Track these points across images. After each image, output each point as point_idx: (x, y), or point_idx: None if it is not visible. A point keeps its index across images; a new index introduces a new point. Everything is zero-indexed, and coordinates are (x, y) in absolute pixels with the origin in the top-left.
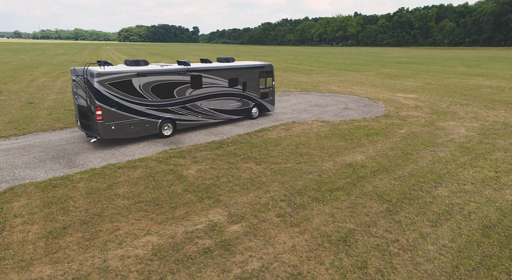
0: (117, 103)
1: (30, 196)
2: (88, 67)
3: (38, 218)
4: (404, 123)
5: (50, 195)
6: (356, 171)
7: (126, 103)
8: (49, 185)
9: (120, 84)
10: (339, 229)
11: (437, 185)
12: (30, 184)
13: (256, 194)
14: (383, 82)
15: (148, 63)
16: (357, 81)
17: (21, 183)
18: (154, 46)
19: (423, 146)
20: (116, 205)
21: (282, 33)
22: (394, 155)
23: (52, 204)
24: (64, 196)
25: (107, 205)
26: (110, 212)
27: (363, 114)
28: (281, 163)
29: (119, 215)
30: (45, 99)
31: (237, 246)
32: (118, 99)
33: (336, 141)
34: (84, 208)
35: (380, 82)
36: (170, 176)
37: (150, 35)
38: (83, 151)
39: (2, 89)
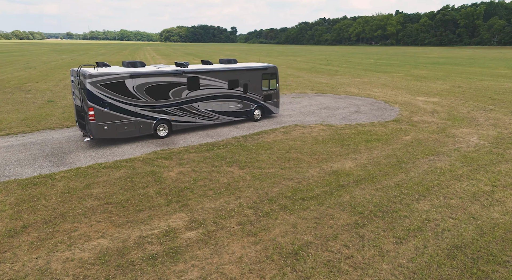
0: (110, 103)
1: (8, 193)
2: (81, 68)
3: (5, 216)
4: (412, 129)
5: (27, 193)
6: (339, 179)
7: (119, 104)
8: (30, 183)
9: (112, 85)
10: (296, 241)
11: (420, 198)
12: (13, 181)
13: (227, 199)
14: (407, 84)
15: (145, 65)
16: (380, 83)
17: (6, 180)
18: (191, 46)
19: (423, 154)
20: (85, 205)
21: (319, 33)
22: (387, 163)
23: (24, 202)
24: (39, 194)
25: (75, 205)
26: (75, 212)
27: (373, 118)
28: (265, 168)
29: (82, 216)
30: (65, 98)
31: (184, 254)
32: (110, 100)
33: (332, 146)
34: (53, 207)
35: (405, 84)
36: (149, 178)
37: (189, 35)
38: (77, 150)
39: (31, 87)
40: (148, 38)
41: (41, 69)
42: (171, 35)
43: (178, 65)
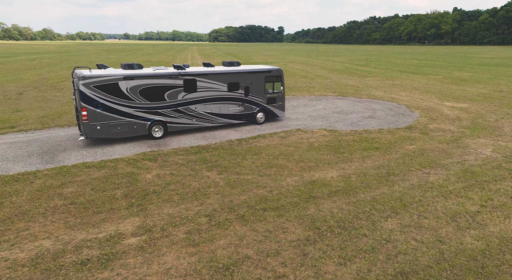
0: (103, 104)
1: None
2: (76, 70)
3: None
4: (421, 138)
5: (3, 189)
6: (313, 190)
7: (113, 105)
8: (12, 179)
9: (106, 87)
10: (234, 255)
11: (391, 216)
12: None
13: (188, 206)
14: (441, 88)
15: (142, 67)
16: (412, 86)
17: None
18: (236, 46)
19: (419, 166)
20: (49, 204)
21: (367, 32)
22: (375, 174)
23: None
24: (14, 191)
25: (40, 204)
26: (36, 211)
27: (384, 125)
28: (243, 174)
29: (41, 215)
30: None
31: (115, 261)
32: (104, 101)
33: (324, 153)
34: (19, 205)
35: (438, 88)
36: (125, 179)
37: (237, 35)
38: (71, 149)
39: (65, 86)
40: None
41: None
42: (220, 35)
43: (176, 67)
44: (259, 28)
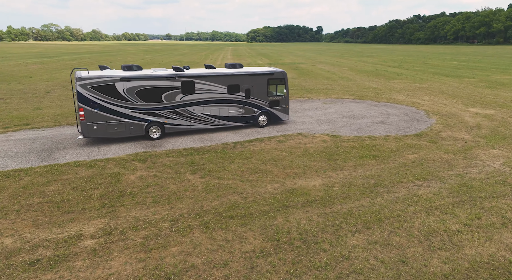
0: (100, 105)
1: None
2: (76, 71)
3: None
4: (427, 146)
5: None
6: (288, 199)
7: (109, 106)
8: (3, 175)
9: (102, 88)
10: (181, 263)
11: (361, 230)
12: None
13: (158, 209)
14: (471, 92)
15: (141, 69)
16: (439, 90)
17: None
18: (271, 46)
19: (413, 178)
20: (27, 202)
21: (410, 31)
22: (361, 184)
23: None
24: (0, 187)
25: (19, 201)
26: (12, 208)
27: (393, 131)
28: (225, 179)
29: (15, 212)
30: None
31: (62, 264)
32: (100, 102)
33: (316, 160)
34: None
35: (468, 92)
36: (108, 180)
37: (275, 35)
38: (70, 147)
39: None
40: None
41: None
42: (257, 35)
43: (175, 69)
44: (297, 28)
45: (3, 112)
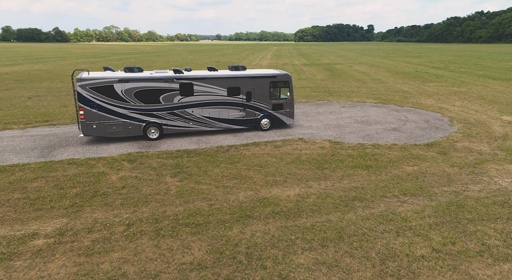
0: (99, 105)
1: None
2: (76, 72)
3: None
4: (434, 158)
5: None
6: (255, 208)
7: (108, 106)
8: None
9: (101, 88)
10: (114, 270)
11: (314, 248)
12: None
13: (121, 212)
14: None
15: (142, 70)
16: (477, 94)
17: None
18: (317, 46)
19: (400, 192)
20: (6, 197)
21: (470, 29)
22: (340, 197)
23: None
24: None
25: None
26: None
27: (403, 139)
28: (202, 184)
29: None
30: None
31: (4, 262)
32: (99, 102)
33: (304, 168)
34: None
35: (510, 98)
36: (90, 179)
37: (323, 35)
38: (72, 144)
39: None
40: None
41: (154, 67)
42: (305, 35)
43: (175, 71)
44: (347, 27)
45: (32, 108)
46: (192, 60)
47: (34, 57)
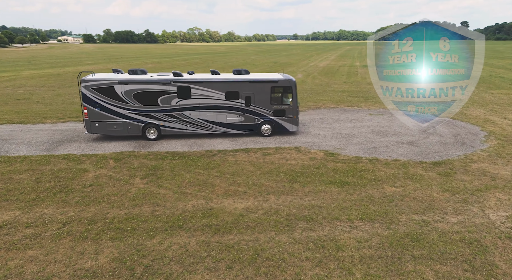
0: (100, 105)
1: None
2: (81, 74)
3: None
4: (429, 179)
5: None
6: (191, 220)
7: (109, 106)
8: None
9: (103, 89)
10: (14, 268)
11: (217, 270)
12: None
13: (69, 210)
14: None
15: (146, 73)
16: None
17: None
18: None
19: (357, 216)
20: None
21: None
22: (286, 215)
23: None
24: None
25: None
26: None
27: (412, 155)
28: (164, 188)
29: None
30: None
31: None
32: (101, 102)
33: (275, 180)
34: None
35: None
36: (69, 175)
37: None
38: (78, 140)
39: None
40: (364, 37)
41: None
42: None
43: (174, 74)
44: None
45: (75, 105)
46: (252, 60)
47: (115, 57)
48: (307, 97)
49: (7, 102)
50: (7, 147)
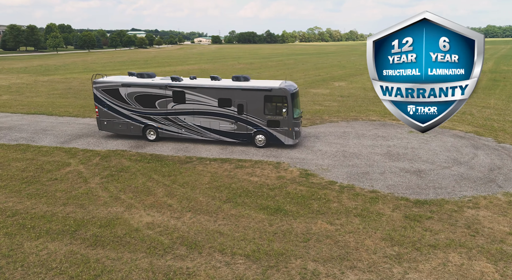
0: (108, 105)
1: None
2: (94, 76)
3: None
4: (385, 223)
5: (4, 152)
6: (81, 226)
7: (115, 106)
8: (18, 148)
9: (110, 91)
10: None
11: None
12: (4, 145)
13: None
14: None
15: (152, 77)
16: None
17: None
18: None
19: (231, 250)
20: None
21: None
22: (180, 237)
23: None
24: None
25: None
26: None
27: (403, 189)
28: (106, 191)
29: None
30: None
31: None
32: (108, 103)
33: (214, 197)
34: None
35: None
36: (53, 166)
37: None
38: (92, 135)
39: None
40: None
41: (282, 71)
42: None
43: (173, 79)
44: None
45: None
46: (348, 62)
47: (216, 57)
48: (357, 106)
49: (85, 97)
50: (39, 137)
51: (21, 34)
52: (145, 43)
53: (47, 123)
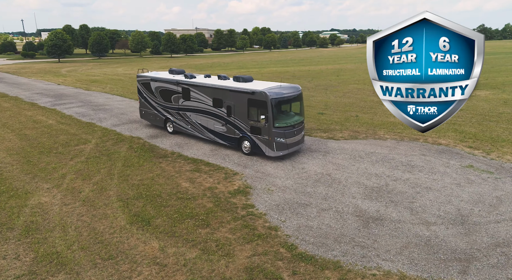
0: (144, 97)
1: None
2: (138, 71)
3: None
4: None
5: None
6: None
7: (148, 98)
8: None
9: (145, 84)
10: None
11: None
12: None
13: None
14: None
15: (181, 73)
16: None
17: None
18: None
19: None
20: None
21: None
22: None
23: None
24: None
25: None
26: None
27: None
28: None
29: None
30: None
31: None
32: (145, 94)
33: (122, 193)
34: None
35: None
36: (74, 142)
37: None
38: (136, 122)
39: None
40: None
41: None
42: None
43: (186, 76)
44: None
45: None
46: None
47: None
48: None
49: None
50: (105, 119)
51: (222, 37)
52: (325, 43)
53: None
